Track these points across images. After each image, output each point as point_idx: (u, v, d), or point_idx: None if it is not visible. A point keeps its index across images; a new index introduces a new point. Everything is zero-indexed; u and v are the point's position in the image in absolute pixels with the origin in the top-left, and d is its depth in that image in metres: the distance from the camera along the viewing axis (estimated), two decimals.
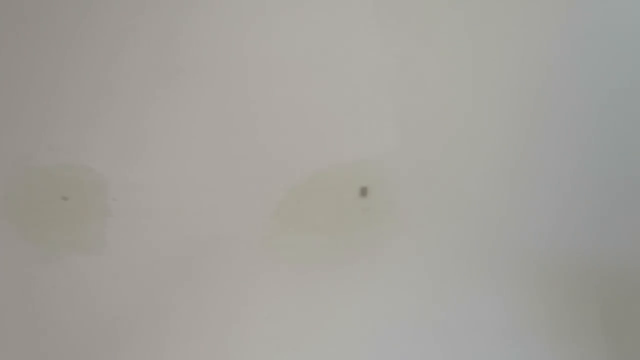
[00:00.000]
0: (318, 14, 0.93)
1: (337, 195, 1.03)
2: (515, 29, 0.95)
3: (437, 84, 0.98)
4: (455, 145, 0.98)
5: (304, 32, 0.94)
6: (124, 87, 0.96)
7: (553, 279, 1.08)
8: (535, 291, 1.07)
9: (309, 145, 1.01)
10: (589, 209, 1.07)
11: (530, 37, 0.96)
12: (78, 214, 0.97)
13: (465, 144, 0.98)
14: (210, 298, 1.00)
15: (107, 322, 0.98)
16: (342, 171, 1.02)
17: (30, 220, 0.96)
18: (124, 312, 0.98)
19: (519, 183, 0.99)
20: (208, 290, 1.01)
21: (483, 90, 1.03)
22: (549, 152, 1.00)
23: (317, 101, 1.02)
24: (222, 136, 1.01)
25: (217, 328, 1.01)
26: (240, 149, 1.00)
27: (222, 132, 1.01)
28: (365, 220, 1.03)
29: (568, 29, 1.03)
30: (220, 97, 0.99)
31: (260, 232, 1.01)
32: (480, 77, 1.01)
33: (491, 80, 1.02)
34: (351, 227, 1.04)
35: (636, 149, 1.08)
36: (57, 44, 0.94)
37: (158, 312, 1.00)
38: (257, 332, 1.01)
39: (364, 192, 1.04)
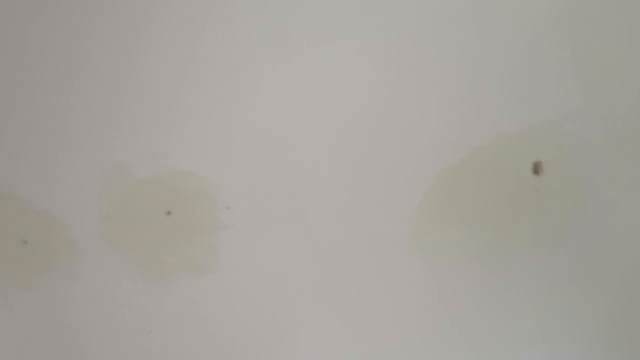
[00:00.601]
0: None
1: (501, 175, 0.85)
2: None
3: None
4: None
5: None
6: (234, 81, 0.79)
7: None
8: None
9: (462, 115, 0.76)
10: None
11: None
12: (185, 229, 0.77)
13: None
14: (356, 307, 0.83)
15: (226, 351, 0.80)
16: (507, 143, 0.84)
17: (131, 240, 0.78)
18: (245, 337, 0.80)
19: None
20: (352, 300, 0.84)
21: None
22: None
23: (469, 57, 0.77)
24: (355, 118, 0.78)
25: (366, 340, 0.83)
26: (379, 133, 0.77)
27: (356, 113, 0.78)
28: (539, 203, 0.86)
29: None
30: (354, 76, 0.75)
31: (407, 228, 0.77)
32: None
33: None
34: (520, 214, 0.87)
35: None
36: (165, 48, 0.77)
37: (287, 331, 0.81)
38: (412, 340, 0.86)
39: (537, 168, 0.86)
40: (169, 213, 0.80)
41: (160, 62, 0.77)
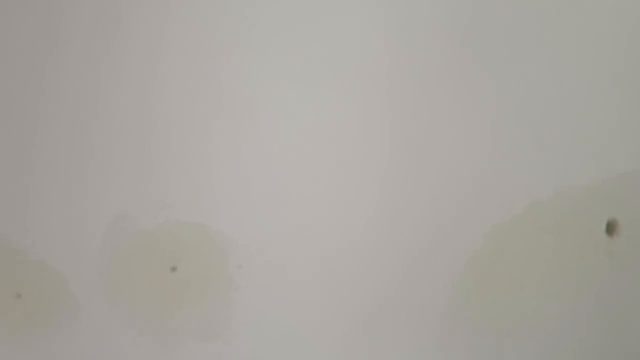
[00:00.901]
0: None
1: (565, 235, 0.74)
2: None
3: None
4: None
5: None
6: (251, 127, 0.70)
7: None
8: None
9: (519, 162, 0.63)
10: None
11: None
12: (192, 288, 0.68)
13: None
14: None
15: None
16: (575, 197, 0.72)
17: (133, 297, 0.69)
18: None
19: None
20: None
21: None
22: None
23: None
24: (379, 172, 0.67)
25: None
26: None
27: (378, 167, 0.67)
28: (612, 269, 0.74)
29: None
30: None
31: (449, 294, 0.65)
32: None
33: None
34: (589, 283, 0.75)
35: None
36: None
37: None
38: None
39: (611, 227, 0.75)
40: (174, 269, 0.71)
41: (169, 103, 0.69)
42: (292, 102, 0.69)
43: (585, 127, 0.69)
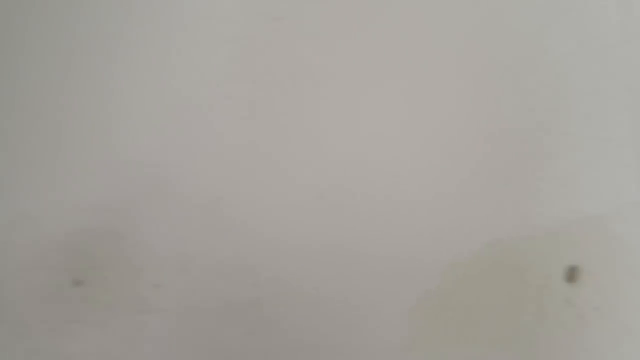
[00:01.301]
0: None
1: (523, 278, 0.67)
2: None
3: None
4: None
5: None
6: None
7: None
8: None
9: (479, 199, 0.64)
10: None
11: None
12: (98, 306, 0.57)
13: None
14: None
15: None
16: (535, 239, 0.66)
17: (28, 314, 0.58)
18: None
19: None
20: None
21: None
22: None
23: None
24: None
25: None
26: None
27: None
28: (570, 319, 0.67)
29: None
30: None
31: (401, 332, 0.64)
32: None
33: None
34: (548, 332, 0.68)
35: None
36: None
37: None
38: None
39: (572, 274, 0.68)
40: (78, 283, 0.60)
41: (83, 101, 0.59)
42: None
43: (553, 166, 0.64)
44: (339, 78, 0.64)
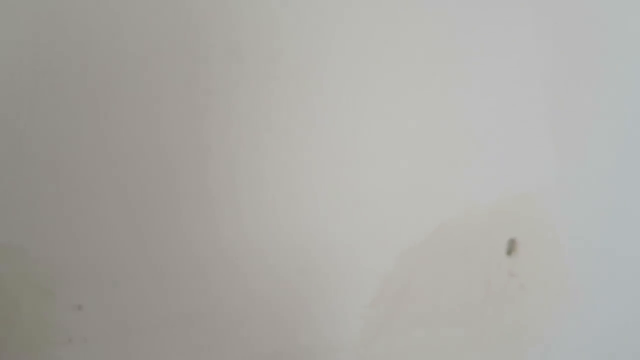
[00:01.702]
0: None
1: (470, 258, 0.66)
2: None
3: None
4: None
5: None
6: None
7: None
8: None
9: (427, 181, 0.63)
10: None
11: None
12: (10, 338, 0.44)
13: None
14: None
15: None
16: (476, 219, 0.65)
17: None
18: None
19: None
20: None
21: None
22: None
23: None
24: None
25: None
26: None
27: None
28: (514, 289, 0.68)
29: None
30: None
31: (356, 328, 0.61)
32: None
33: None
34: (492, 306, 0.67)
35: None
36: None
37: None
38: None
39: (512, 247, 0.68)
40: None
41: None
42: None
43: (490, 147, 0.64)
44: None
